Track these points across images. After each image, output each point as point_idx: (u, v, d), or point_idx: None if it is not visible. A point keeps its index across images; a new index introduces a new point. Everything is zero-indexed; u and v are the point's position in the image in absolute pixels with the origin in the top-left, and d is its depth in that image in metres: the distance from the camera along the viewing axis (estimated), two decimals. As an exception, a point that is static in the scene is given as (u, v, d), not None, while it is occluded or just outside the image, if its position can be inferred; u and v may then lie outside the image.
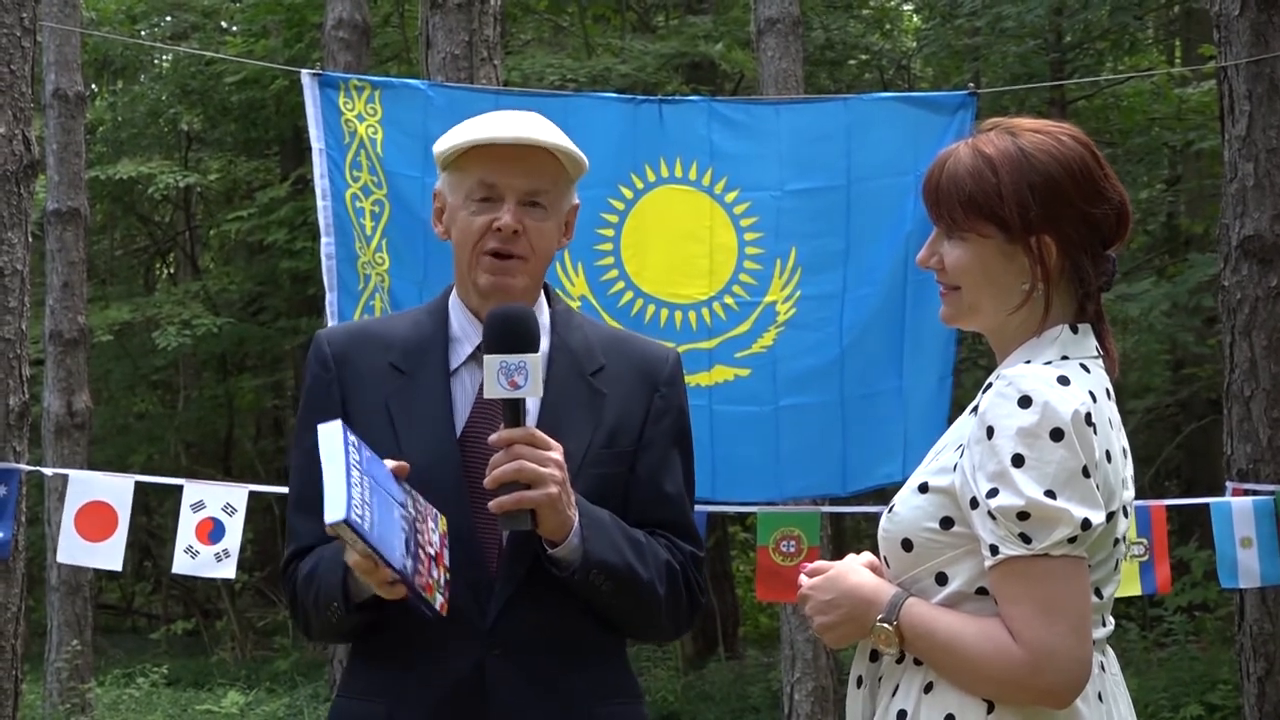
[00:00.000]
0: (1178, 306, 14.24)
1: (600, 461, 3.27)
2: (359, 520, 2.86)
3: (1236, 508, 7.63)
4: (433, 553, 3.07)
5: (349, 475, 2.90)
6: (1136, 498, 8.08)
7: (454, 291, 3.42)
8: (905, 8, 22.22)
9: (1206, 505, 7.88)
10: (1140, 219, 17.47)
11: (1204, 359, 16.22)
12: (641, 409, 3.36)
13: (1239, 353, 8.78)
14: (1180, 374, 17.69)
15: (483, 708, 3.17)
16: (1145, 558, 7.56)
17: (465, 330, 3.34)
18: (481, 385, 3.23)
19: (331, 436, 2.96)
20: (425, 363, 3.31)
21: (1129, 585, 7.57)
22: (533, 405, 3.21)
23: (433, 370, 3.30)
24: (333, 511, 2.84)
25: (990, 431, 2.71)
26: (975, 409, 2.80)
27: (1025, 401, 2.69)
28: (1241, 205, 8.77)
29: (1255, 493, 7.97)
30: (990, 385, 2.78)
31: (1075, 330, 2.87)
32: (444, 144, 3.33)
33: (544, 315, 3.39)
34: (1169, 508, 8.08)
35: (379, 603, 3.14)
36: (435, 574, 3.06)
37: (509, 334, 3.07)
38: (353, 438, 2.98)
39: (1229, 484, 8.41)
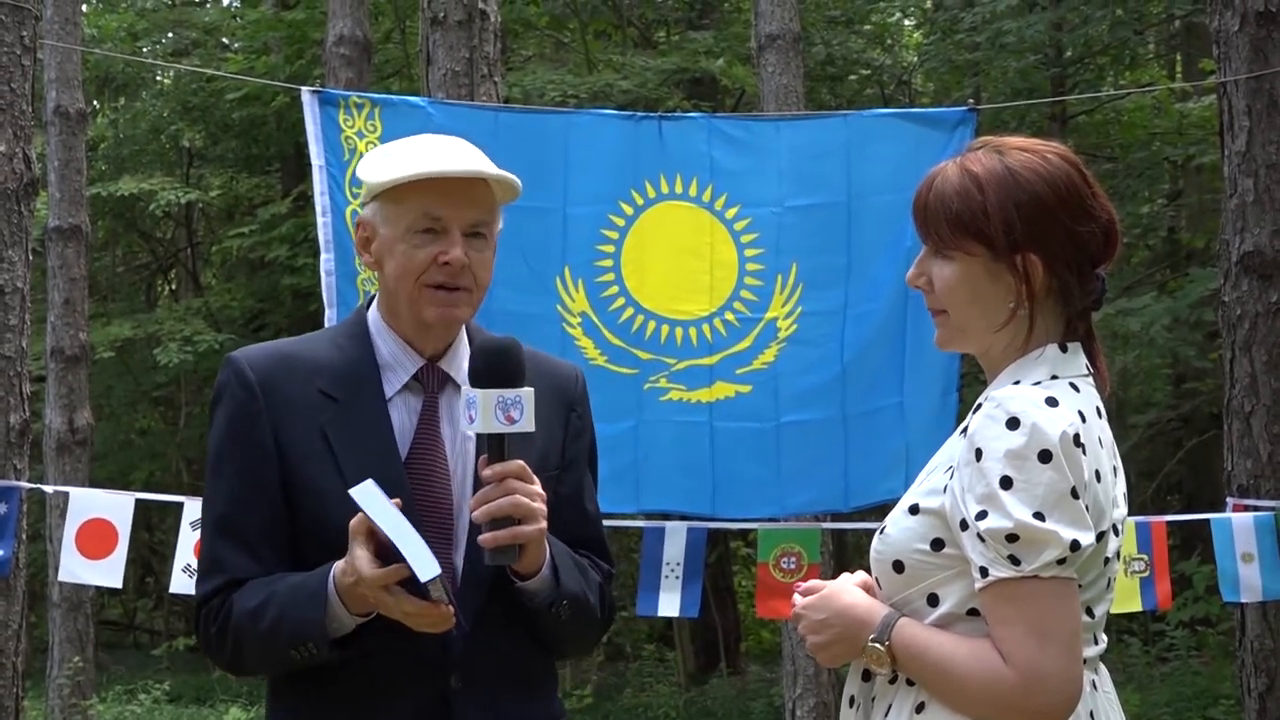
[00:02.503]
0: (1179, 321, 14.24)
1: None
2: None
3: (1237, 523, 7.63)
4: None
5: (412, 528, 2.92)
6: (1138, 513, 8.08)
7: (375, 316, 3.33)
8: (906, 23, 22.25)
9: (1208, 520, 7.87)
10: (1141, 233, 17.50)
11: (1205, 373, 16.21)
12: (561, 429, 3.35)
13: (1239, 368, 8.76)
14: (1182, 388, 17.69)
15: None
16: (1146, 574, 7.56)
17: (398, 358, 3.27)
18: (421, 414, 3.23)
19: (372, 496, 2.95)
20: (359, 390, 3.22)
21: (1130, 601, 7.57)
22: (472, 434, 3.16)
23: (368, 398, 3.22)
24: (428, 570, 2.86)
25: (979, 454, 2.71)
26: (965, 430, 2.80)
27: (1013, 423, 2.69)
28: (1241, 221, 8.76)
29: (1256, 508, 7.95)
30: (979, 406, 2.78)
31: (1065, 349, 2.87)
32: (381, 174, 3.23)
33: (464, 339, 3.34)
34: (1170, 523, 8.06)
35: (350, 639, 3.10)
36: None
37: (502, 367, 3.03)
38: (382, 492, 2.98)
39: (1229, 500, 8.39)
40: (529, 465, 3.11)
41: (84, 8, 19.01)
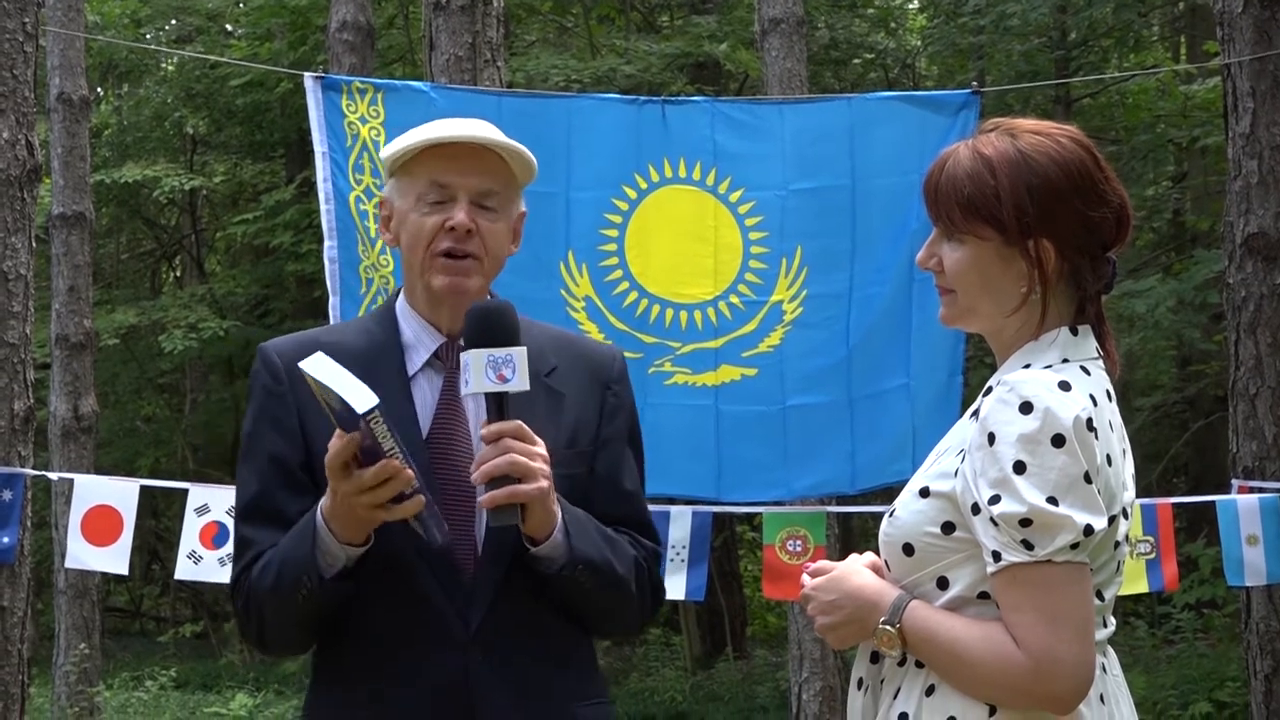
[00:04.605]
0: (1184, 303, 14.23)
1: (564, 463, 3.24)
2: (385, 412, 2.85)
3: (1242, 505, 7.63)
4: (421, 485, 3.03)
5: (352, 375, 2.90)
6: (1143, 495, 8.08)
7: (401, 300, 3.39)
8: (910, 6, 22.22)
9: (1213, 502, 7.87)
10: (1146, 216, 17.48)
11: (1211, 356, 16.20)
12: (596, 407, 3.36)
13: (1244, 350, 8.76)
14: (1187, 370, 17.68)
15: (470, 714, 3.14)
16: (1152, 555, 7.56)
17: (419, 337, 3.32)
18: (442, 390, 3.25)
19: (321, 360, 2.92)
20: (381, 370, 3.25)
21: (1136, 583, 7.57)
22: (469, 398, 3.19)
23: (390, 377, 3.25)
24: (364, 401, 2.82)
25: (991, 438, 2.69)
26: (976, 413, 2.78)
27: (1026, 408, 2.67)
28: (1246, 202, 8.76)
29: (1261, 490, 7.95)
30: (991, 390, 2.77)
31: (1075, 332, 2.85)
32: (393, 148, 3.31)
33: None
34: (1176, 505, 8.07)
35: (347, 575, 3.10)
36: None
37: (493, 327, 3.04)
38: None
39: (1234, 482, 8.39)
40: (557, 441, 3.18)
41: (86, -6, 18.98)
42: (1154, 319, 13.90)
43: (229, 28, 23.56)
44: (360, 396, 2.84)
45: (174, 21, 23.25)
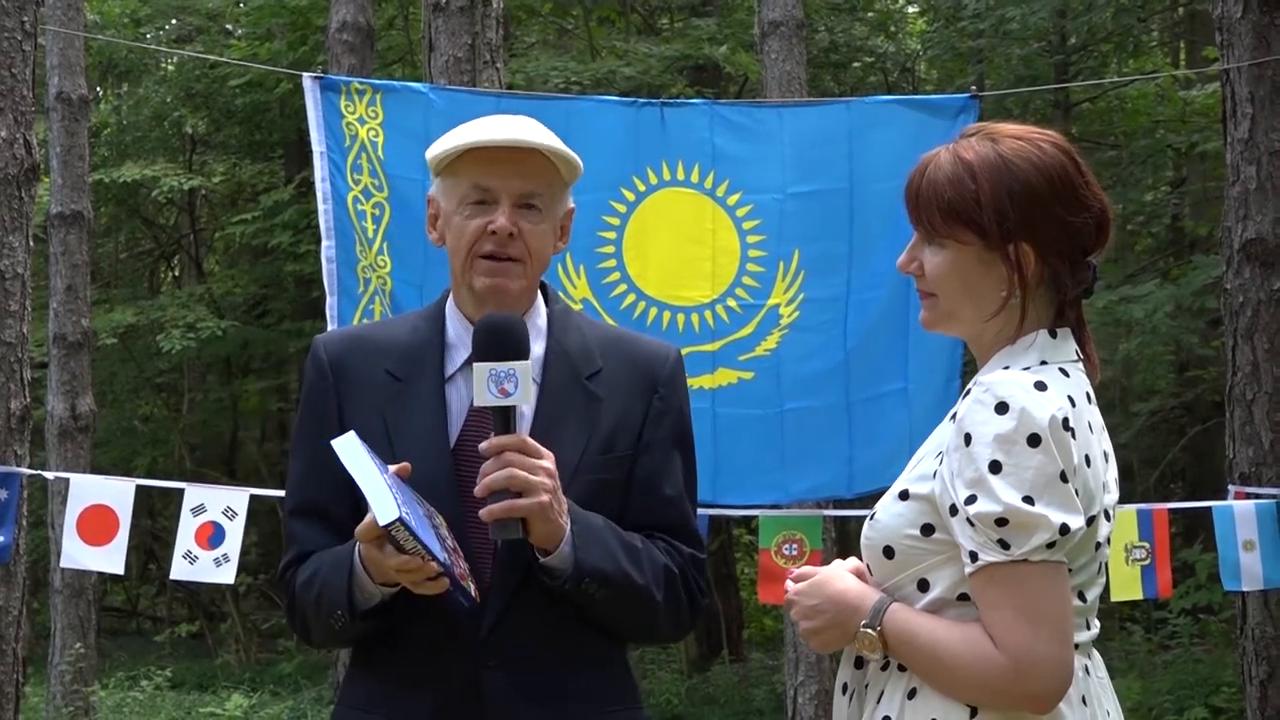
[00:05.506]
0: (1182, 308, 14.21)
1: (596, 468, 3.24)
2: (409, 519, 2.87)
3: (1238, 511, 7.62)
4: (452, 545, 3.07)
5: (385, 478, 2.93)
6: (1140, 501, 8.04)
7: (450, 298, 3.39)
8: (910, 10, 22.22)
9: (1210, 508, 7.87)
10: (1144, 221, 17.49)
11: (1208, 361, 16.18)
12: (640, 412, 3.33)
13: (1241, 356, 8.76)
14: (1185, 376, 17.66)
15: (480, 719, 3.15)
16: (1147, 561, 7.55)
17: (460, 337, 3.30)
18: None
19: (351, 447, 2.97)
20: (420, 370, 3.28)
21: (1131, 589, 7.57)
22: (527, 411, 3.19)
23: (428, 378, 3.27)
24: (386, 514, 2.86)
25: (968, 438, 2.71)
26: (954, 415, 2.80)
27: (1002, 408, 2.69)
28: (1244, 208, 8.75)
29: (1257, 496, 7.95)
30: (969, 391, 2.78)
31: (1054, 334, 2.87)
32: (437, 149, 3.30)
33: (540, 317, 3.37)
34: (1172, 510, 8.06)
35: (383, 609, 3.14)
36: (463, 565, 3.07)
37: (498, 342, 3.07)
38: (366, 446, 2.99)
39: (1231, 487, 8.39)
40: (589, 446, 3.21)
41: (86, -7, 18.97)
42: (1152, 324, 13.89)
43: (229, 28, 23.53)
44: (383, 507, 2.88)
45: (174, 21, 23.22)
